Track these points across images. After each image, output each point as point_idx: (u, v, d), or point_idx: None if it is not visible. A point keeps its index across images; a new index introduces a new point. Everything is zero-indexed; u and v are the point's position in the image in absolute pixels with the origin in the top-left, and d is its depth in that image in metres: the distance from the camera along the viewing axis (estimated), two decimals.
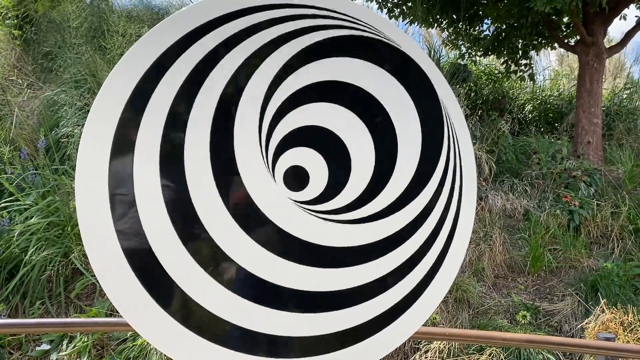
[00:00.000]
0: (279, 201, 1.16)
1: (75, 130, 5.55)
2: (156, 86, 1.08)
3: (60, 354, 3.99)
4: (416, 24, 9.25)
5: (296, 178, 1.18)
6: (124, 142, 1.06)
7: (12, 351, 4.09)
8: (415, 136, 1.29)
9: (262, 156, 1.14)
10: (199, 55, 1.11)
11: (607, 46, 8.19)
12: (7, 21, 7.55)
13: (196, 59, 1.11)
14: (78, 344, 3.99)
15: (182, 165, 1.09)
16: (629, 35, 8.04)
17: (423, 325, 1.31)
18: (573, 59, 10.42)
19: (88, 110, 4.99)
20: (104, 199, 1.05)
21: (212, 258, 1.10)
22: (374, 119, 1.25)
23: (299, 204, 1.18)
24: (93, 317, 4.10)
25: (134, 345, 3.99)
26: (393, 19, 9.14)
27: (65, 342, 4.08)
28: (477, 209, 5.89)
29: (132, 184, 1.07)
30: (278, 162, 1.16)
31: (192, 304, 1.09)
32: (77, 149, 5.13)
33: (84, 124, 4.60)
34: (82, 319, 3.53)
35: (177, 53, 1.10)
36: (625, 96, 10.03)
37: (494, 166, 6.75)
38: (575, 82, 8.39)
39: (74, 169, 5.24)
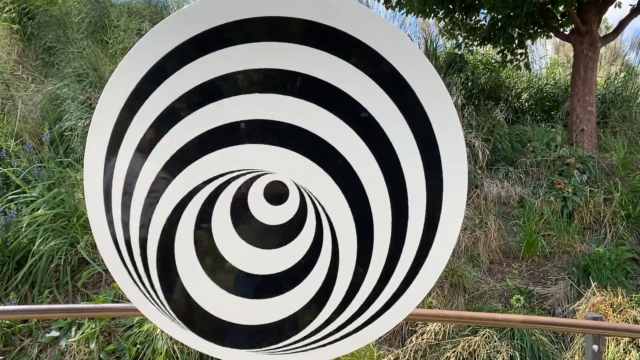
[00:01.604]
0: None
1: (79, 124, 5.65)
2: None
3: (69, 340, 4.12)
4: (413, 14, 9.30)
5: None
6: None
7: (22, 338, 4.22)
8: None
9: None
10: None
11: (603, 34, 8.26)
12: (5, 15, 7.61)
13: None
14: (86, 331, 4.11)
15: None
16: (623, 23, 8.09)
17: (418, 308, 1.37)
18: (569, 48, 10.46)
19: (90, 104, 5.11)
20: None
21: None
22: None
23: None
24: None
25: (140, 331, 4.11)
26: (390, 9, 9.18)
27: (73, 329, 4.20)
28: (472, 196, 6.02)
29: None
30: None
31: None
32: (80, 142, 5.24)
33: (87, 117, 4.71)
34: (91, 305, 3.66)
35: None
36: (620, 84, 10.10)
37: (490, 154, 6.86)
38: (571, 70, 8.46)
39: (78, 162, 5.36)
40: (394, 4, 9.15)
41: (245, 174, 1.19)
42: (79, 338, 4.08)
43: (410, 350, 4.26)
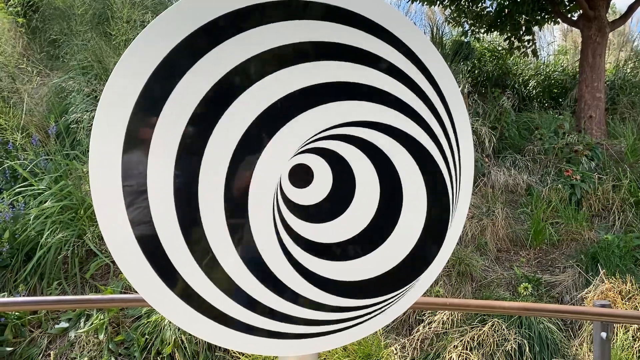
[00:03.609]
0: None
1: (84, 116, 5.66)
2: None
3: (79, 331, 4.15)
4: (418, 1, 9.23)
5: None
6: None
7: (32, 329, 4.26)
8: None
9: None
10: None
11: (611, 19, 8.16)
12: (11, 8, 7.63)
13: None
14: (95, 322, 4.15)
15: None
16: (632, 8, 7.99)
17: (425, 296, 1.35)
18: (577, 34, 10.36)
19: (96, 96, 5.12)
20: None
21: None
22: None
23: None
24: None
25: (148, 321, 4.14)
26: None
27: (82, 320, 4.24)
28: (479, 184, 6.00)
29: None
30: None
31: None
32: (87, 135, 5.26)
33: (92, 110, 4.73)
34: (99, 296, 3.69)
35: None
36: (629, 70, 10.00)
37: (497, 142, 6.82)
38: (579, 56, 8.38)
39: (84, 154, 5.38)
40: None
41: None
42: (88, 329, 4.12)
43: (417, 339, 4.26)
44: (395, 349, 4.19)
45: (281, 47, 1.13)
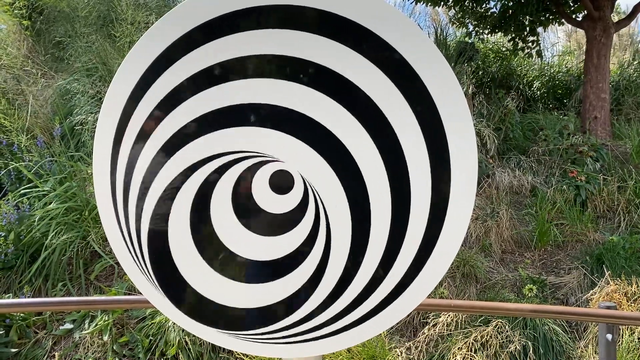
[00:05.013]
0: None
1: (89, 118, 5.68)
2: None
3: (83, 332, 4.16)
4: (422, 2, 9.22)
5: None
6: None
7: (37, 330, 4.27)
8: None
9: None
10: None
11: (616, 20, 8.13)
12: (16, 11, 7.66)
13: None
14: (99, 323, 4.16)
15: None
16: (636, 8, 7.96)
17: (429, 297, 1.34)
18: (582, 34, 10.33)
19: (100, 98, 5.14)
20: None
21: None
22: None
23: None
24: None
25: (152, 323, 4.14)
26: None
27: (87, 321, 4.25)
28: (484, 186, 5.98)
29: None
30: None
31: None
32: (91, 136, 5.28)
33: (97, 112, 4.74)
34: (103, 297, 3.69)
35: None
36: (634, 70, 9.96)
37: (500, 143, 6.80)
38: (584, 57, 8.36)
39: (89, 156, 5.39)
40: None
41: (250, 158, 1.16)
42: (92, 330, 4.12)
43: (422, 342, 4.25)
44: (400, 351, 4.18)
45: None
